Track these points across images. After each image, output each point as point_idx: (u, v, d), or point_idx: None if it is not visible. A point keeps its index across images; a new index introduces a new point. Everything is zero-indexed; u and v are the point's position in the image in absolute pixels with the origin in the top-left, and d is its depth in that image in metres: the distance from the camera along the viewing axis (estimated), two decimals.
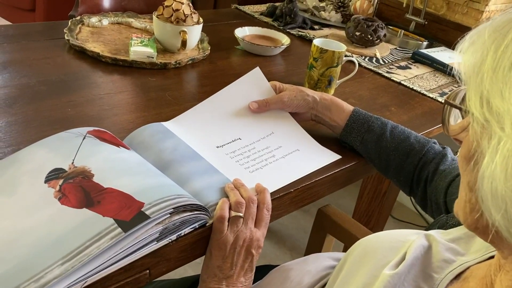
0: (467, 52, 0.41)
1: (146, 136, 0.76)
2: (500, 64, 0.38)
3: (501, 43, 0.38)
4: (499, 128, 0.37)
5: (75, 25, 1.15)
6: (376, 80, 1.25)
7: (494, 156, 0.37)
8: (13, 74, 0.92)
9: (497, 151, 0.37)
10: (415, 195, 0.84)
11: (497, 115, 0.37)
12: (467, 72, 0.41)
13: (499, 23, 0.40)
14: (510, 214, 0.37)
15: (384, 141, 0.83)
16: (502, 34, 0.39)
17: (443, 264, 0.53)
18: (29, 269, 0.48)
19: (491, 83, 0.38)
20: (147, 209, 0.55)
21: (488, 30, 0.40)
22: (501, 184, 0.36)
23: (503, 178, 0.36)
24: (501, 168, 0.36)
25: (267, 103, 0.88)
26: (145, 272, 0.59)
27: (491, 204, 0.38)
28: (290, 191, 0.76)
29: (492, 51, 0.39)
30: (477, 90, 0.39)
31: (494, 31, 0.40)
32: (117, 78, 0.99)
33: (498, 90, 0.37)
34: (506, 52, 0.38)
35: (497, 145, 0.37)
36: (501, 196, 0.37)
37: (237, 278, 0.66)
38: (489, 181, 0.37)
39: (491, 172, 0.37)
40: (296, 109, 0.89)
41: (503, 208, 0.37)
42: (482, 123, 0.38)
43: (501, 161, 0.36)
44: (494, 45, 0.39)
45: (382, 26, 1.43)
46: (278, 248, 1.86)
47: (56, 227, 0.53)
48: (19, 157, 0.64)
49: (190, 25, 1.10)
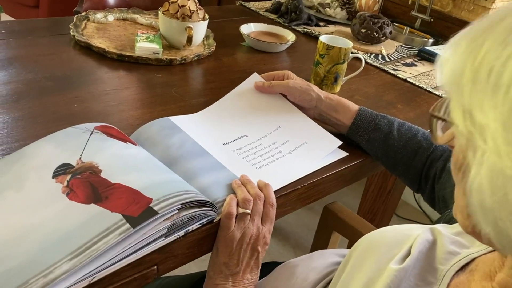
0: (447, 63, 0.41)
1: (153, 132, 0.76)
2: (478, 76, 0.37)
3: (478, 55, 0.38)
4: (482, 140, 0.36)
5: (81, 21, 1.15)
6: (382, 77, 1.25)
7: (479, 169, 0.36)
8: (19, 69, 0.92)
9: (482, 164, 0.36)
10: (423, 192, 0.84)
11: (479, 127, 0.36)
12: (449, 83, 0.40)
13: (475, 32, 0.40)
14: (500, 228, 0.37)
15: (392, 139, 0.82)
16: (478, 44, 0.38)
17: (448, 256, 0.53)
18: (37, 264, 0.48)
19: (471, 96, 0.37)
20: (155, 204, 0.55)
21: (465, 40, 0.40)
22: (488, 198, 0.36)
23: (490, 192, 0.36)
24: (487, 181, 0.36)
25: (272, 85, 0.89)
26: (153, 268, 0.59)
27: (481, 217, 0.38)
28: (297, 188, 0.75)
29: (469, 63, 0.38)
30: (459, 102, 0.38)
31: (471, 41, 0.39)
32: (123, 74, 0.99)
33: (478, 103, 0.36)
34: (482, 64, 0.37)
35: (481, 158, 0.36)
36: (489, 209, 0.36)
37: (243, 275, 0.66)
38: (477, 194, 0.37)
39: (478, 185, 0.37)
40: (299, 101, 0.88)
41: (491, 221, 0.37)
42: (466, 135, 0.38)
43: (486, 174, 0.36)
44: (471, 57, 0.38)
45: (387, 23, 1.42)
46: (282, 246, 1.86)
47: (64, 222, 0.53)
48: (26, 152, 0.64)
49: (196, 21, 1.09)
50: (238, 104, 0.89)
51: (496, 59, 0.36)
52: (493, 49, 0.37)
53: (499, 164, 0.35)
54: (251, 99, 0.89)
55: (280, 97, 0.91)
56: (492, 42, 0.37)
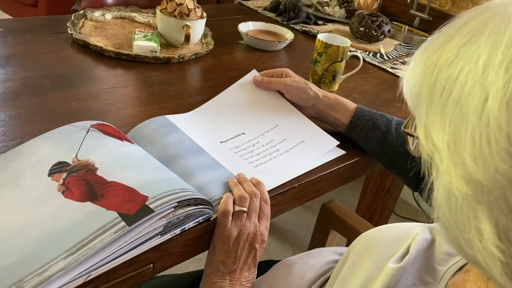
0: (409, 81, 0.40)
1: (150, 130, 0.76)
2: (432, 96, 0.37)
3: (432, 74, 0.37)
4: (439, 160, 0.36)
5: (78, 20, 1.15)
6: (380, 76, 1.25)
7: (439, 187, 0.37)
8: (16, 68, 0.92)
9: (441, 183, 0.37)
10: (421, 191, 0.84)
11: (436, 147, 0.36)
12: (411, 102, 0.40)
13: (431, 49, 0.39)
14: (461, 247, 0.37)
15: (390, 138, 0.82)
16: (433, 63, 0.38)
17: (446, 257, 0.53)
18: (33, 262, 0.48)
19: (428, 116, 0.37)
20: (151, 202, 0.55)
21: (422, 57, 0.40)
22: (446, 217, 0.37)
23: (447, 210, 0.36)
24: (443, 200, 0.37)
25: (270, 81, 0.89)
26: (149, 266, 0.59)
27: (447, 233, 0.38)
28: (294, 186, 0.75)
29: (425, 82, 0.38)
30: (420, 121, 0.38)
31: (427, 59, 0.39)
32: (120, 72, 0.99)
33: (433, 123, 0.36)
34: (436, 83, 0.37)
35: (440, 177, 0.37)
36: (451, 227, 0.37)
37: (241, 273, 0.66)
38: (437, 211, 0.38)
39: (439, 203, 0.37)
40: (296, 99, 0.88)
41: (451, 238, 0.37)
42: (429, 154, 0.38)
43: (443, 194, 0.36)
44: (427, 76, 0.38)
45: (386, 21, 1.42)
46: (281, 244, 1.86)
47: (60, 220, 0.53)
48: (22, 150, 0.64)
49: (193, 19, 1.09)
50: (236, 100, 0.89)
51: (447, 79, 0.36)
52: (445, 67, 0.36)
53: (449, 185, 0.35)
54: (249, 97, 0.89)
55: (278, 96, 0.91)
56: (444, 59, 0.37)
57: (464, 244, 0.36)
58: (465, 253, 0.37)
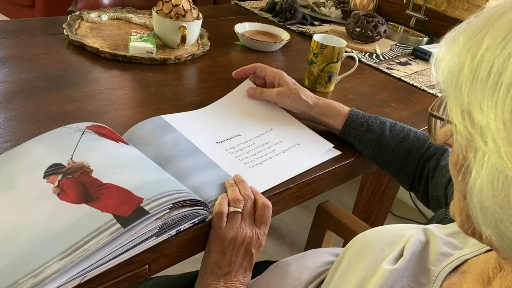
0: (444, 60, 0.39)
1: (146, 131, 0.76)
2: (477, 75, 0.36)
3: (477, 53, 0.36)
4: (482, 142, 0.35)
5: (74, 21, 1.15)
6: (376, 76, 1.25)
7: (480, 170, 0.35)
8: (12, 69, 0.92)
9: (483, 166, 0.35)
10: (416, 192, 0.84)
11: (479, 128, 0.35)
12: (446, 81, 0.39)
13: (473, 29, 0.38)
14: (501, 231, 0.36)
15: (384, 140, 0.82)
16: (476, 42, 0.37)
17: (440, 257, 0.53)
18: (27, 264, 0.48)
19: (470, 95, 0.36)
20: (146, 204, 0.55)
21: (462, 37, 0.39)
22: (489, 200, 0.35)
23: (491, 194, 0.35)
24: (487, 183, 0.35)
25: (262, 93, 0.90)
26: (145, 267, 0.59)
27: (481, 219, 0.37)
28: (290, 187, 0.76)
29: (468, 60, 0.37)
30: (457, 101, 0.37)
31: (468, 38, 0.38)
32: (116, 73, 0.99)
33: (477, 103, 0.35)
34: (483, 62, 0.36)
35: (482, 159, 0.35)
36: (490, 212, 0.36)
37: (235, 275, 0.66)
38: (477, 196, 0.36)
39: (479, 187, 0.36)
40: (288, 108, 0.89)
41: (492, 223, 0.36)
42: (466, 136, 0.37)
43: (487, 176, 0.35)
44: (469, 55, 0.37)
45: (382, 22, 1.42)
46: (278, 245, 1.86)
47: (55, 222, 0.53)
48: (17, 152, 0.64)
49: (189, 20, 1.09)
50: (231, 107, 0.89)
51: (496, 58, 0.35)
52: (493, 47, 0.36)
53: (500, 166, 0.34)
54: (244, 104, 0.90)
55: (273, 105, 0.91)
56: (491, 39, 0.36)
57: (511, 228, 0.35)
58: (509, 239, 0.36)
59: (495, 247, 0.39)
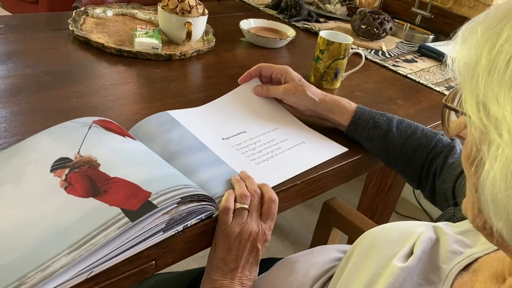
0: (460, 51, 0.39)
1: (152, 126, 0.76)
2: (495, 66, 0.35)
3: (495, 44, 0.36)
4: (497, 134, 0.34)
5: (80, 16, 1.14)
6: (382, 73, 1.24)
7: (493, 163, 0.35)
8: (18, 64, 0.91)
9: (496, 158, 0.35)
10: (423, 189, 0.83)
11: (494, 120, 0.35)
12: (461, 72, 0.39)
13: (492, 20, 0.38)
14: None
15: (391, 137, 0.81)
16: (495, 33, 0.36)
17: (451, 255, 0.52)
18: (36, 258, 0.48)
19: (487, 87, 0.35)
20: (154, 198, 0.54)
21: (481, 27, 0.38)
22: (502, 193, 0.34)
23: (504, 187, 0.34)
24: (500, 176, 0.34)
25: (268, 90, 0.89)
26: (151, 263, 0.59)
27: (492, 212, 0.36)
28: (296, 184, 0.75)
29: (486, 51, 0.36)
30: (472, 93, 0.37)
31: (487, 29, 0.37)
32: (121, 69, 0.99)
33: (494, 94, 0.35)
34: (501, 53, 0.35)
35: (496, 152, 0.35)
36: (502, 205, 0.35)
37: (242, 271, 0.66)
38: (489, 189, 0.36)
39: (492, 179, 0.35)
40: (294, 105, 0.88)
41: (504, 216, 0.35)
42: (480, 128, 0.36)
43: (501, 169, 0.34)
44: (488, 45, 0.36)
45: (388, 19, 1.42)
46: (281, 242, 1.86)
47: (62, 216, 0.52)
48: (24, 146, 0.63)
49: (195, 16, 1.09)
50: (237, 104, 0.89)
51: None
52: None
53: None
54: (249, 101, 0.90)
55: (279, 106, 0.91)
56: (511, 31, 0.36)
57: None
58: None
59: (505, 241, 0.38)
